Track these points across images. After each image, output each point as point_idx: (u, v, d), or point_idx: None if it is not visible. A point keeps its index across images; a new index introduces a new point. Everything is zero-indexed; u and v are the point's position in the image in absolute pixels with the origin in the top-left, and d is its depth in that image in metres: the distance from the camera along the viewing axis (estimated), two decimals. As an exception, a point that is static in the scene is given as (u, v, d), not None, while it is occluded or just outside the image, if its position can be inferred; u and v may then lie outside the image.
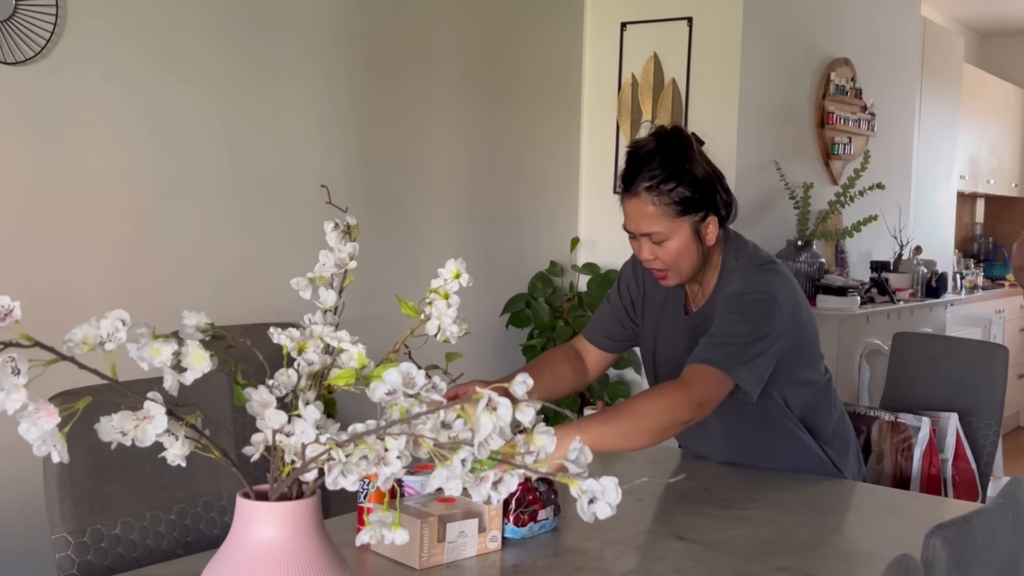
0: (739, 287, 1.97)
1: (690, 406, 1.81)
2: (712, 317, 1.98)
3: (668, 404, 1.80)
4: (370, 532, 1.03)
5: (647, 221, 1.93)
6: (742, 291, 1.96)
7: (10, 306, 0.94)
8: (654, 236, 1.94)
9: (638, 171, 1.93)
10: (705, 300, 2.06)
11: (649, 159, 1.93)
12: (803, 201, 4.26)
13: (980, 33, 7.78)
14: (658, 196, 1.91)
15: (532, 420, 1.00)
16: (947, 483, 2.56)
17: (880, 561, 1.54)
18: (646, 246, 1.96)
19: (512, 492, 1.62)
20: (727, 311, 1.95)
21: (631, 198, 1.94)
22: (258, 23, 3.04)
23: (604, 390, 4.03)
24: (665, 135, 1.98)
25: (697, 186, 1.93)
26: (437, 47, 3.63)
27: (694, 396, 1.82)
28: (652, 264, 1.98)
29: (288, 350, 1.11)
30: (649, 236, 1.94)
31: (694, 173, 1.93)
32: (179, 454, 1.05)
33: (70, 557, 1.58)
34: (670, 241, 1.94)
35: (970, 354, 2.74)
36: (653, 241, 1.95)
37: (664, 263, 1.97)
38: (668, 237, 1.93)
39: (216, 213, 2.97)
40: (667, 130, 1.99)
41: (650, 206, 1.91)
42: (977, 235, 7.77)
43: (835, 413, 2.19)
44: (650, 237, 1.94)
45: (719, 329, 1.93)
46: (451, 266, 1.18)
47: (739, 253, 2.04)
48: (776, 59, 4.24)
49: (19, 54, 2.49)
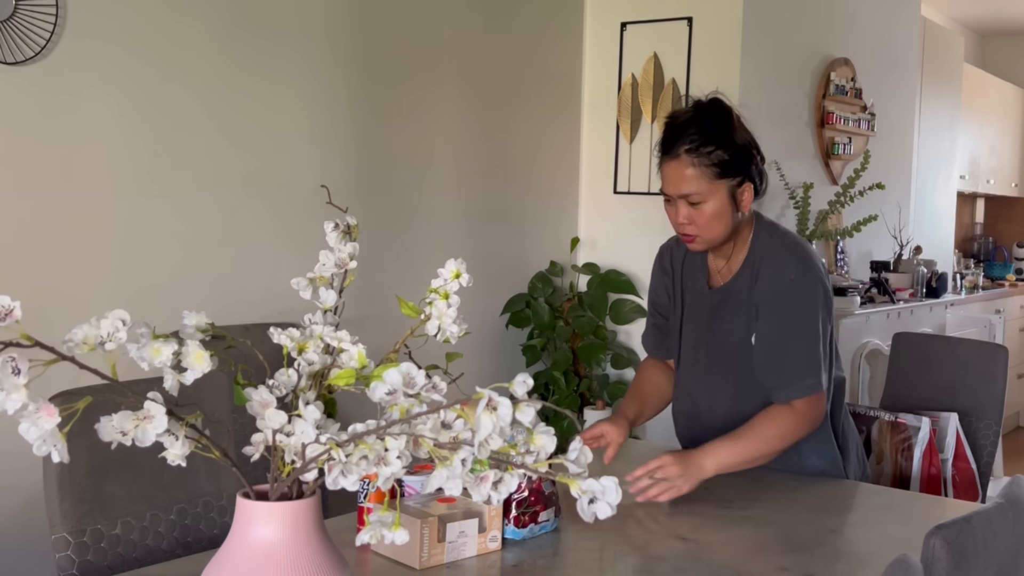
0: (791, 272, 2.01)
1: (805, 429, 2.00)
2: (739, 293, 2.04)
3: (787, 431, 1.97)
4: (370, 532, 1.03)
5: (686, 182, 1.96)
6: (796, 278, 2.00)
7: (10, 306, 0.94)
8: (691, 197, 1.96)
9: (678, 135, 1.97)
10: (732, 275, 2.08)
11: (689, 125, 1.97)
12: (803, 201, 4.26)
13: (980, 33, 7.78)
14: (697, 158, 1.95)
15: (532, 420, 1.01)
16: (947, 483, 2.56)
17: (880, 561, 1.54)
18: (682, 209, 1.99)
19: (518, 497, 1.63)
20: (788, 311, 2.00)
21: (671, 160, 1.97)
22: (258, 24, 3.04)
23: (604, 390, 4.03)
24: (705, 104, 2.02)
25: (736, 151, 1.97)
26: (437, 47, 3.63)
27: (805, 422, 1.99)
28: (685, 228, 2.01)
29: (288, 350, 1.11)
30: (687, 197, 1.97)
31: (733, 139, 1.98)
32: (179, 454, 1.05)
33: (70, 557, 1.58)
34: (706, 204, 1.97)
35: (970, 354, 2.74)
36: (690, 203, 1.97)
37: (698, 227, 1.99)
38: (705, 199, 1.96)
39: (216, 213, 2.97)
40: (707, 100, 2.03)
41: (689, 168, 1.95)
42: (977, 235, 7.77)
43: (843, 410, 2.21)
44: (687, 198, 1.97)
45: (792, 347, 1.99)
46: (451, 266, 1.18)
47: (773, 231, 2.09)
48: (776, 59, 4.24)
49: (19, 54, 2.49)
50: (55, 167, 2.60)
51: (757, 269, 2.04)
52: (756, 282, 2.03)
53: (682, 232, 2.03)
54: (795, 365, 1.98)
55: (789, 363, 1.99)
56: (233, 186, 3.01)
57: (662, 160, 2.00)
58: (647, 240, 4.17)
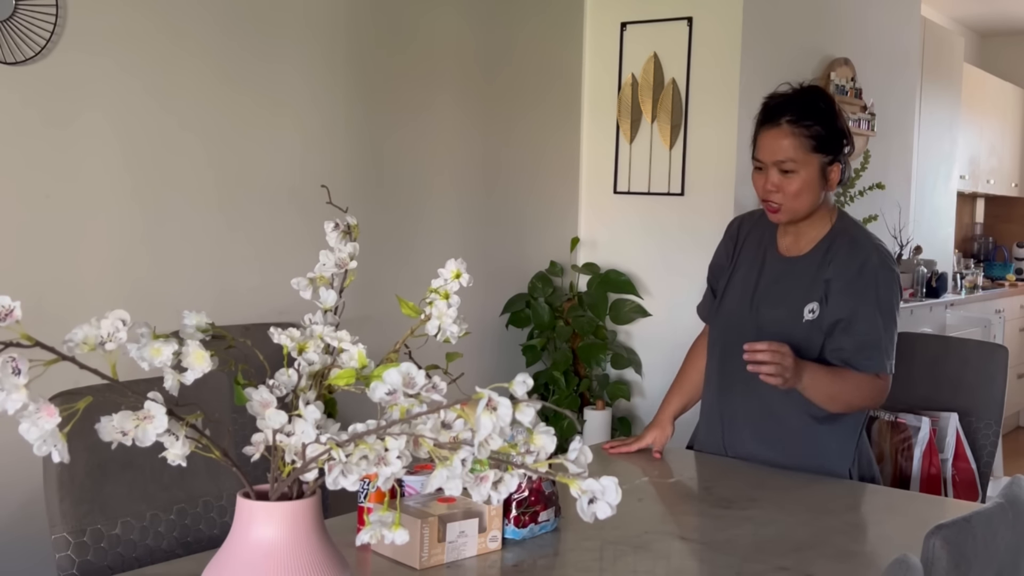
0: (876, 259, 2.11)
1: (878, 402, 2.13)
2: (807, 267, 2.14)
3: (867, 392, 2.09)
4: (370, 532, 1.03)
5: (783, 149, 2.08)
6: (879, 264, 2.11)
7: (10, 306, 0.94)
8: (785, 164, 2.07)
9: (782, 108, 2.11)
10: (804, 252, 2.17)
11: (793, 99, 2.12)
12: (803, 201, 4.26)
13: (980, 33, 7.78)
14: (797, 128, 2.07)
15: (532, 420, 1.01)
16: (947, 483, 2.56)
17: (880, 561, 1.54)
18: (773, 176, 2.09)
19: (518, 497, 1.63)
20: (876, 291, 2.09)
21: (771, 128, 2.10)
22: (259, 23, 3.04)
23: (604, 390, 4.03)
24: (808, 87, 2.18)
25: (833, 131, 2.10)
26: (437, 47, 3.63)
27: (881, 396, 2.12)
28: (772, 196, 2.11)
29: (288, 350, 1.11)
30: (780, 164, 2.08)
31: (833, 119, 2.12)
32: (179, 454, 1.05)
33: (70, 557, 1.58)
34: (798, 174, 2.08)
35: (970, 354, 2.74)
36: (782, 170, 2.08)
37: (784, 195, 2.09)
38: (797, 169, 2.07)
39: (216, 213, 2.97)
40: (808, 85, 2.20)
41: (788, 137, 2.07)
42: (977, 235, 7.77)
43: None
44: (781, 165, 2.08)
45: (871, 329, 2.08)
46: (451, 266, 1.18)
47: (855, 223, 2.22)
48: (776, 59, 4.24)
49: (19, 54, 2.49)
50: (55, 167, 2.60)
51: (835, 250, 2.13)
52: (831, 262, 2.11)
53: (768, 199, 2.12)
54: (880, 340, 2.08)
55: (874, 337, 2.08)
56: (233, 186, 3.01)
57: (760, 129, 2.13)
58: (647, 240, 4.18)
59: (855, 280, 2.09)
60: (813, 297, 2.11)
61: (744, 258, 2.27)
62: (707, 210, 4.02)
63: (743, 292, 2.22)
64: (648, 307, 4.11)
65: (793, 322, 2.11)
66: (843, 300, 2.08)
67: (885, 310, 2.10)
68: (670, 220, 4.10)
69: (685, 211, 4.07)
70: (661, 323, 4.10)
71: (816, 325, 2.09)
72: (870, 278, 2.09)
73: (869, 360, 2.07)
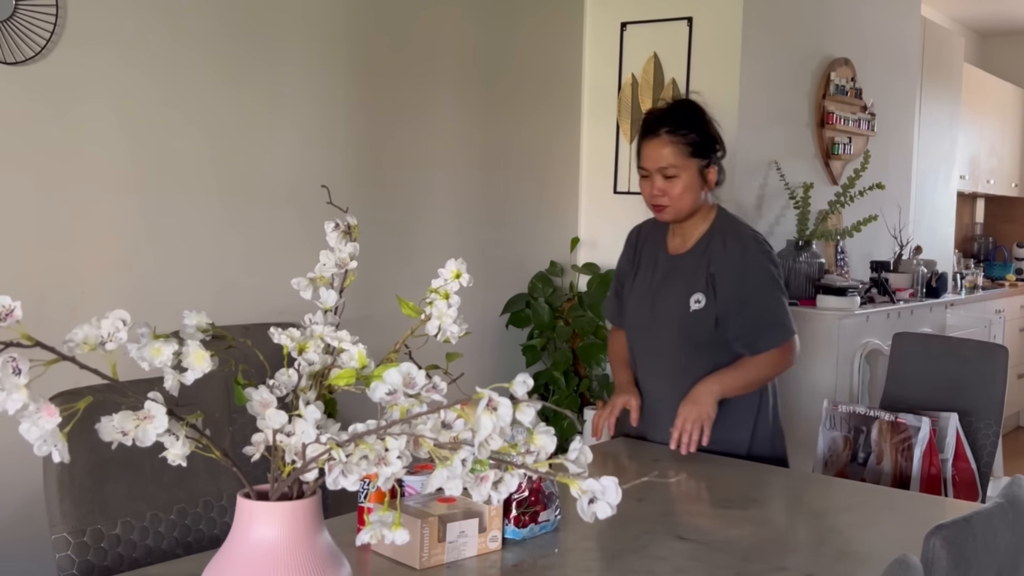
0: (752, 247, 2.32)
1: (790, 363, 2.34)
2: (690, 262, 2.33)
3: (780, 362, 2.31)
4: (370, 532, 1.03)
5: (664, 157, 2.28)
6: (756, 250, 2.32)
7: (11, 306, 0.94)
8: (667, 170, 2.28)
9: (661, 120, 2.32)
10: (688, 248, 2.37)
11: (668, 112, 2.34)
12: (803, 201, 4.26)
13: (980, 33, 7.78)
14: (675, 136, 2.28)
15: (532, 420, 1.01)
16: (947, 483, 2.56)
17: (880, 561, 1.54)
18: (658, 181, 2.30)
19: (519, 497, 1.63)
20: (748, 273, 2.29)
21: (651, 139, 2.30)
22: (259, 24, 3.04)
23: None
24: (682, 100, 2.44)
25: (706, 136, 2.33)
26: (437, 47, 3.63)
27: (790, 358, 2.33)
28: (658, 200, 2.31)
29: (288, 350, 1.11)
30: (663, 170, 2.28)
31: (705, 127, 2.34)
32: (179, 454, 1.05)
33: (70, 557, 1.58)
34: (679, 178, 2.28)
35: (970, 354, 2.74)
36: (665, 175, 2.29)
37: (670, 198, 2.30)
38: (678, 173, 2.28)
39: (216, 213, 2.97)
40: (683, 99, 2.47)
41: (668, 145, 2.28)
42: (977, 235, 7.77)
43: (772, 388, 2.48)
44: (663, 171, 2.28)
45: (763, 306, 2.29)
46: (451, 266, 1.18)
47: (731, 218, 2.41)
48: (776, 59, 4.24)
49: (19, 54, 2.49)
50: (55, 167, 2.60)
51: (714, 245, 2.32)
52: (713, 256, 2.31)
53: (655, 203, 2.33)
54: (775, 315, 2.31)
55: (769, 313, 2.30)
56: (233, 186, 3.01)
57: (642, 141, 2.33)
58: (647, 240, 4.18)
59: (739, 267, 2.30)
60: (697, 288, 2.31)
61: (644, 262, 2.46)
62: (707, 210, 4.02)
63: (643, 292, 2.43)
64: (648, 307, 4.10)
65: (681, 312, 2.32)
66: (732, 287, 2.28)
67: (772, 286, 2.30)
68: (670, 220, 4.10)
69: (685, 211, 4.06)
70: (661, 323, 4.10)
71: (703, 314, 2.29)
72: (751, 262, 2.30)
73: (770, 336, 2.29)
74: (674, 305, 2.34)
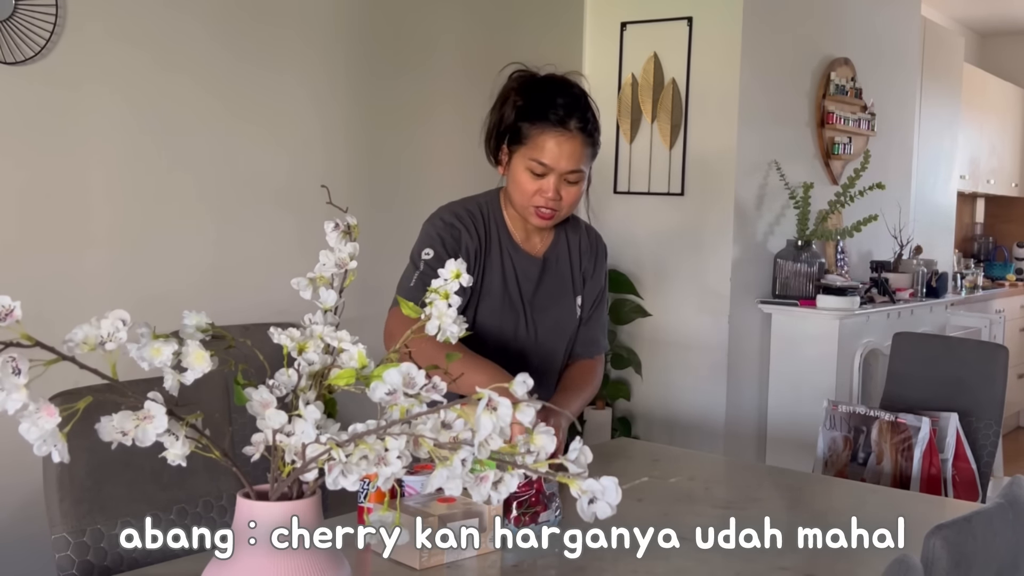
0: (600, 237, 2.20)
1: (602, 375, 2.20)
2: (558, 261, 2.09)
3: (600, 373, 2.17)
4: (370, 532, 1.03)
5: (576, 160, 1.91)
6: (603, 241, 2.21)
7: (10, 306, 0.94)
8: (574, 176, 1.92)
9: (571, 110, 1.92)
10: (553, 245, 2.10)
11: (584, 101, 1.96)
12: (803, 201, 4.26)
13: (980, 33, 7.78)
14: (588, 138, 1.93)
15: (532, 420, 1.01)
16: (947, 483, 2.56)
17: (880, 561, 1.54)
18: (557, 183, 1.92)
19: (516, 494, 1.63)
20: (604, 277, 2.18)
21: (561, 133, 1.90)
22: (258, 23, 3.04)
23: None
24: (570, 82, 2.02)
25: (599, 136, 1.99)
26: (437, 47, 3.63)
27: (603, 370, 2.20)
28: (551, 204, 1.93)
29: (288, 350, 1.11)
30: (568, 174, 1.92)
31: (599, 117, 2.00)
32: (179, 454, 1.05)
33: (70, 557, 1.57)
34: (580, 183, 1.95)
35: (970, 354, 2.74)
36: (568, 181, 1.93)
37: (564, 205, 1.95)
38: (581, 179, 1.95)
39: (216, 213, 2.97)
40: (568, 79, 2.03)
41: (581, 146, 1.92)
42: (977, 235, 7.77)
43: None
44: (567, 176, 1.92)
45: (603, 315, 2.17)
46: (451, 266, 1.18)
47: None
48: (776, 59, 4.23)
49: (19, 54, 2.49)
50: (55, 167, 2.60)
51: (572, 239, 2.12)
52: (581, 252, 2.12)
53: (545, 207, 1.93)
54: (605, 326, 2.19)
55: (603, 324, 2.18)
56: (233, 186, 3.01)
57: (543, 130, 1.90)
58: (647, 240, 4.18)
59: (600, 263, 2.16)
60: (577, 291, 2.12)
61: (491, 263, 2.02)
62: (707, 210, 4.02)
63: (506, 299, 2.01)
64: (648, 307, 4.11)
65: (571, 319, 2.09)
66: (599, 283, 2.15)
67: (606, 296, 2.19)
68: (670, 220, 4.10)
69: (685, 211, 4.07)
70: (661, 323, 4.10)
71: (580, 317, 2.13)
72: (603, 258, 2.17)
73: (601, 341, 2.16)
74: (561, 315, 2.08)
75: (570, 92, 1.97)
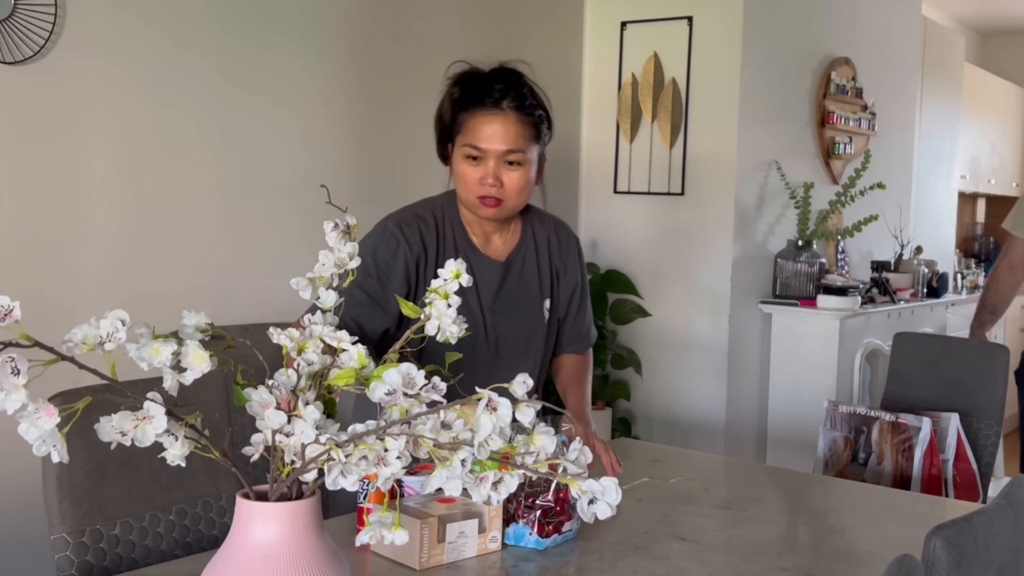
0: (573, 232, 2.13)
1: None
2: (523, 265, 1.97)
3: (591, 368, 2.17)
4: (370, 532, 1.03)
5: (512, 139, 1.80)
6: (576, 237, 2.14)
7: (10, 306, 0.94)
8: (513, 156, 1.81)
9: (504, 90, 1.81)
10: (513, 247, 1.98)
11: (521, 80, 1.85)
12: (803, 201, 4.26)
13: (980, 33, 7.78)
14: (522, 114, 1.82)
15: (532, 420, 1.00)
16: (948, 483, 2.56)
17: (880, 561, 1.54)
18: (496, 167, 1.81)
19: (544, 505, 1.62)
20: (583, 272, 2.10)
21: (492, 113, 1.80)
22: (258, 23, 3.04)
23: (604, 390, 4.03)
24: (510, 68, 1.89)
25: (547, 115, 1.89)
26: (437, 46, 3.63)
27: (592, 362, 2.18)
28: (491, 191, 1.82)
29: (288, 350, 1.11)
30: (506, 156, 1.81)
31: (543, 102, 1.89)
32: (179, 454, 1.05)
33: (69, 558, 1.57)
34: (523, 166, 1.83)
35: (970, 354, 2.74)
36: (507, 162, 1.81)
37: (507, 192, 1.83)
38: (523, 162, 1.83)
39: (215, 212, 2.97)
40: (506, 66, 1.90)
41: (516, 124, 1.81)
42: (978, 235, 7.77)
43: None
44: (506, 157, 1.81)
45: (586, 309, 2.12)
46: (451, 266, 1.18)
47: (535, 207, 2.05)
48: (776, 59, 4.23)
49: (18, 54, 2.49)
50: (54, 167, 2.60)
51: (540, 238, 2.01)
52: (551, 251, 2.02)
53: (486, 195, 1.82)
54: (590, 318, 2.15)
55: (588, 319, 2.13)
56: (232, 186, 3.01)
57: (474, 112, 1.81)
58: (647, 240, 4.17)
59: (576, 261, 2.07)
60: (546, 294, 2.00)
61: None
62: (707, 210, 4.02)
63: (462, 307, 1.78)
64: (648, 307, 4.11)
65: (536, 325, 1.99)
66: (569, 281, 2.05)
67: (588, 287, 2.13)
68: (670, 220, 4.10)
69: (685, 211, 4.07)
70: (661, 323, 4.10)
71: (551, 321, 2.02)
72: (577, 253, 2.08)
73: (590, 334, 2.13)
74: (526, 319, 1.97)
75: (506, 77, 1.85)
